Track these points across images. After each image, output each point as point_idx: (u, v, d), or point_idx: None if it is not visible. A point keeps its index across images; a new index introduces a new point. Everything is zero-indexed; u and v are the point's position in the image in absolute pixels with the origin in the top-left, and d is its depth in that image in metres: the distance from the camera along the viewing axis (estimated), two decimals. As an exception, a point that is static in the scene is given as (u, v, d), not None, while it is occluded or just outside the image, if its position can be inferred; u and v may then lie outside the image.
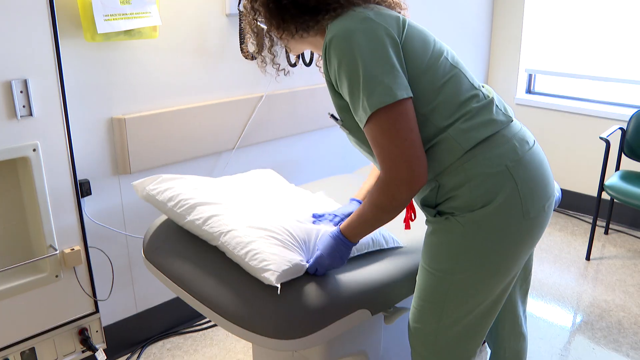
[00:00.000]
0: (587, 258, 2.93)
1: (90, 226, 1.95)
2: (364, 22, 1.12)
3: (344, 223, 1.26)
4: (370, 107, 1.09)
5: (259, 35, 1.35)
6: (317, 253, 1.28)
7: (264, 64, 1.44)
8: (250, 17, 1.29)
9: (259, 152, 2.45)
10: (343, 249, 1.26)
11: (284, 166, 2.58)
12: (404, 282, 1.39)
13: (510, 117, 1.23)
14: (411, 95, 1.12)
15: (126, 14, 1.76)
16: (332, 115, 1.29)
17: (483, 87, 1.26)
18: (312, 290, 1.25)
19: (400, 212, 1.17)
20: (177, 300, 2.31)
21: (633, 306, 2.48)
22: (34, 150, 1.62)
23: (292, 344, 1.20)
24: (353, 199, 1.55)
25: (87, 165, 1.92)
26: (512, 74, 3.69)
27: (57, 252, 1.73)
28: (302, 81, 2.53)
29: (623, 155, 3.02)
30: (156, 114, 2.01)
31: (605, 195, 3.29)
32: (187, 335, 2.30)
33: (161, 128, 2.03)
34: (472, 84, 1.21)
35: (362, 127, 1.14)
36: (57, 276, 1.75)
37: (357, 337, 1.48)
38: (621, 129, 2.98)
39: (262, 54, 1.41)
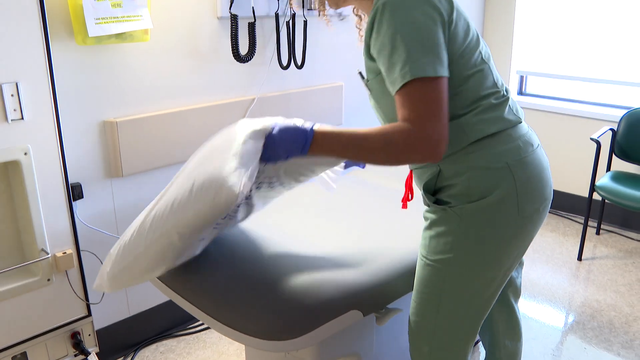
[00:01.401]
0: (579, 258, 2.94)
1: (83, 229, 1.95)
2: None
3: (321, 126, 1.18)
4: (411, 73, 1.06)
5: None
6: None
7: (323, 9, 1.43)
8: None
9: (252, 155, 2.45)
10: (299, 136, 1.16)
11: (277, 168, 2.58)
12: (395, 283, 1.40)
13: (520, 118, 1.26)
14: (448, 77, 1.12)
15: (117, 17, 1.76)
16: (360, 73, 1.32)
17: (506, 90, 1.28)
18: (303, 292, 1.25)
19: (393, 166, 1.14)
20: (169, 303, 2.31)
21: (624, 306, 2.50)
22: (25, 153, 1.62)
23: (284, 345, 1.21)
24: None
25: (78, 168, 1.91)
26: (504, 76, 3.71)
27: (49, 255, 1.73)
28: (294, 83, 2.54)
29: (614, 156, 3.04)
30: (148, 117, 2.01)
31: (596, 196, 3.32)
32: (180, 338, 2.30)
33: (153, 131, 2.03)
34: (496, 83, 1.23)
35: (394, 90, 1.11)
36: (49, 280, 1.75)
37: (349, 338, 1.48)
38: (612, 129, 3.01)
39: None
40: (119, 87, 1.95)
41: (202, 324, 2.39)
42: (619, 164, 3.20)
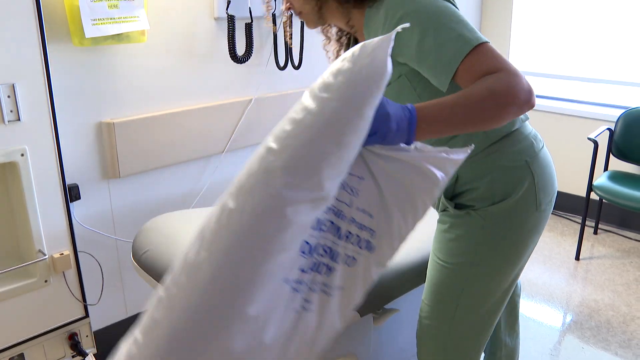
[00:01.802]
0: (577, 258, 2.95)
1: (80, 231, 1.95)
2: None
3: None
4: (470, 43, 1.02)
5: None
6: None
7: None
8: None
9: (249, 156, 2.45)
10: (401, 109, 0.95)
11: (275, 169, 2.58)
12: (393, 284, 1.40)
13: (527, 116, 1.28)
14: None
15: (114, 18, 1.76)
16: None
17: None
18: (300, 293, 1.25)
19: (495, 122, 1.01)
20: (168, 304, 2.31)
21: (622, 305, 2.50)
22: (22, 155, 1.61)
23: (281, 346, 1.21)
24: None
25: (76, 169, 1.91)
26: (501, 76, 3.71)
27: (47, 257, 1.73)
28: (291, 84, 2.54)
29: (611, 155, 3.05)
30: (145, 118, 2.01)
31: (594, 196, 3.32)
32: (178, 339, 2.29)
33: (150, 132, 2.03)
34: None
35: (453, 67, 1.04)
36: (46, 281, 1.75)
37: (346, 339, 1.48)
38: (609, 129, 3.01)
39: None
40: (116, 88, 1.95)
41: (200, 324, 2.38)
42: (617, 164, 3.20)
